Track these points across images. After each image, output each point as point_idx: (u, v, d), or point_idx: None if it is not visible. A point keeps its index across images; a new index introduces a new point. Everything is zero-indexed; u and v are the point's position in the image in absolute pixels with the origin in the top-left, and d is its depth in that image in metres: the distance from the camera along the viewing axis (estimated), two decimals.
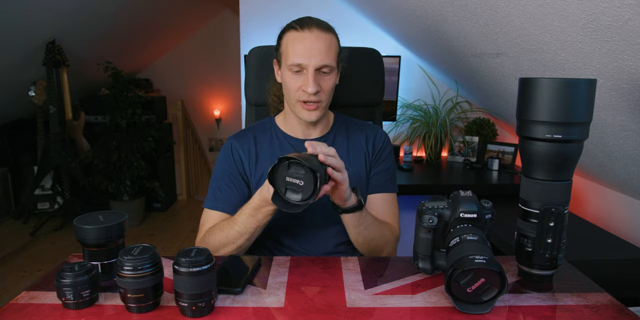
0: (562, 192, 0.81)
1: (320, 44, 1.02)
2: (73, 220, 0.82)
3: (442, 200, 0.86)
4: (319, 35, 1.03)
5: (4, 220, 3.57)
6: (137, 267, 0.70)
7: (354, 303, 0.77)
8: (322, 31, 1.04)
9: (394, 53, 2.50)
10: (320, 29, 1.04)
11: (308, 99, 1.05)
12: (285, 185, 0.84)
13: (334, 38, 1.07)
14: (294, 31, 1.05)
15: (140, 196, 3.57)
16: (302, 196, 0.83)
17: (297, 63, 1.03)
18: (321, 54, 1.02)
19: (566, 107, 0.76)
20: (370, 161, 1.18)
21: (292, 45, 1.04)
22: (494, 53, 1.55)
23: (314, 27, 1.03)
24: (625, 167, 1.44)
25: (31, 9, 2.41)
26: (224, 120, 4.99)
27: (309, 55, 1.02)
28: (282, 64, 1.08)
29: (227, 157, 1.15)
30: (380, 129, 1.22)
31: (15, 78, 3.03)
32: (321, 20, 1.07)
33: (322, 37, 1.03)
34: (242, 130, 1.22)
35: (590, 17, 0.95)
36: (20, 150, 3.57)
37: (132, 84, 3.43)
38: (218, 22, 4.73)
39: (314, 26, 1.03)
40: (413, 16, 1.78)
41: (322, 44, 1.03)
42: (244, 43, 2.52)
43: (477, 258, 0.70)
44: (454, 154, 2.52)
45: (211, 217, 1.10)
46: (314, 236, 1.13)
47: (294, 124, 1.15)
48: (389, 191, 1.18)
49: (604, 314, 0.74)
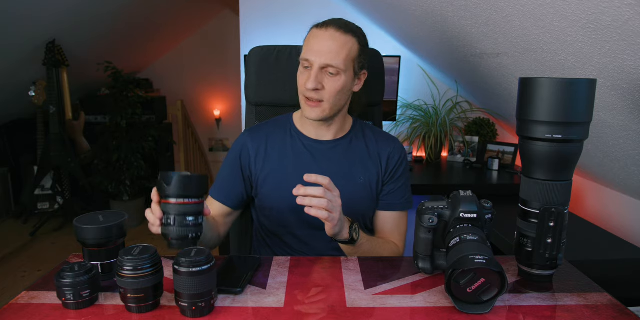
0: (562, 192, 0.81)
1: (332, 44, 1.02)
2: (73, 220, 0.82)
3: (442, 200, 0.86)
4: (334, 34, 1.03)
5: (4, 220, 3.57)
6: (137, 267, 0.70)
7: (354, 303, 0.77)
8: (338, 31, 1.03)
9: (394, 53, 2.50)
10: (338, 29, 1.04)
11: (308, 96, 1.05)
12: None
13: (353, 41, 1.05)
14: (315, 29, 1.06)
15: (140, 196, 3.57)
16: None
17: (305, 58, 1.04)
18: (329, 53, 1.02)
19: (566, 107, 0.76)
20: (384, 178, 1.17)
21: (308, 41, 1.06)
22: (494, 53, 1.54)
23: (332, 27, 1.04)
24: (625, 167, 1.44)
25: (31, 9, 2.41)
26: (224, 120, 4.99)
27: (317, 53, 1.02)
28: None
29: (236, 151, 1.17)
30: (397, 144, 1.20)
31: (15, 78, 3.03)
32: (347, 22, 1.07)
33: (337, 37, 1.03)
34: (258, 125, 1.23)
35: (590, 17, 0.95)
36: (20, 150, 3.57)
37: (132, 84, 3.42)
38: (218, 22, 4.72)
39: (333, 26, 1.04)
40: (413, 16, 1.78)
41: (335, 44, 1.02)
42: (244, 43, 2.52)
43: (477, 258, 0.70)
44: (454, 154, 2.52)
45: (212, 205, 1.15)
46: (314, 236, 1.13)
47: (308, 123, 1.16)
48: (399, 210, 1.18)
49: (604, 314, 0.74)
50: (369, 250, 1.04)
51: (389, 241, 1.15)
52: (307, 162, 1.14)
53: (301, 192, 0.88)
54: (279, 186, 1.12)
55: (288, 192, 0.94)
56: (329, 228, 0.94)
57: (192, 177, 0.80)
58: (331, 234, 0.96)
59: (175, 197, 0.79)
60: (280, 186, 1.11)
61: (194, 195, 0.80)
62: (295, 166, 1.13)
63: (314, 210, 0.89)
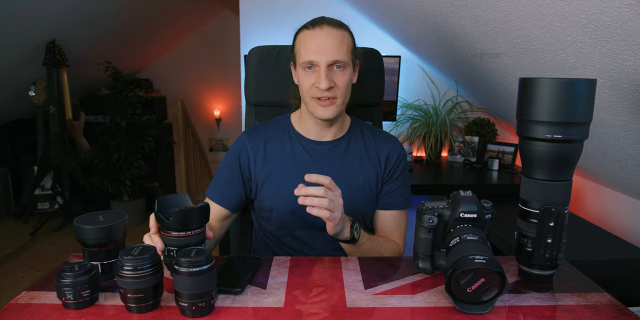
0: (562, 192, 0.81)
1: (331, 40, 1.02)
2: (73, 220, 0.82)
3: (442, 200, 0.86)
4: (329, 31, 1.03)
5: (4, 220, 3.57)
6: (137, 267, 0.70)
7: (354, 303, 0.77)
8: (333, 28, 1.04)
9: (394, 53, 2.50)
10: (332, 25, 1.04)
11: (322, 95, 1.05)
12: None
13: (347, 34, 1.06)
14: (306, 30, 1.06)
15: (140, 196, 3.57)
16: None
17: (309, 60, 1.03)
18: (332, 50, 1.02)
19: (566, 107, 0.76)
20: (383, 177, 1.17)
21: (304, 44, 1.05)
22: (494, 53, 1.54)
23: (325, 24, 1.04)
24: (625, 167, 1.44)
25: (31, 9, 2.41)
26: (224, 120, 4.99)
27: (320, 52, 1.02)
28: (297, 64, 1.09)
29: (235, 152, 1.17)
30: (396, 143, 1.20)
31: (15, 78, 3.03)
32: (333, 19, 1.07)
33: (333, 34, 1.03)
34: (257, 125, 1.22)
35: (590, 17, 0.95)
36: (20, 150, 3.57)
37: (132, 84, 3.42)
38: (218, 22, 4.72)
39: (325, 23, 1.04)
40: (413, 16, 1.78)
41: (334, 40, 1.03)
42: (244, 43, 2.52)
43: (477, 258, 0.70)
44: (454, 154, 2.52)
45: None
46: (315, 237, 1.13)
47: (309, 125, 1.15)
48: (398, 209, 1.18)
49: (604, 314, 0.74)
50: (369, 249, 1.04)
51: (390, 240, 1.15)
52: (307, 163, 1.14)
53: (302, 192, 0.88)
54: (278, 188, 1.12)
55: (288, 194, 0.93)
56: (330, 227, 0.94)
57: (193, 211, 0.79)
58: (332, 233, 0.96)
59: (176, 231, 0.79)
60: (280, 187, 1.11)
61: (196, 227, 0.80)
62: (295, 167, 1.13)
63: (315, 210, 0.89)
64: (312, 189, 0.88)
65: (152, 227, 0.84)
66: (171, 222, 0.78)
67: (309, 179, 0.89)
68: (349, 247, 1.02)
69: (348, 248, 1.03)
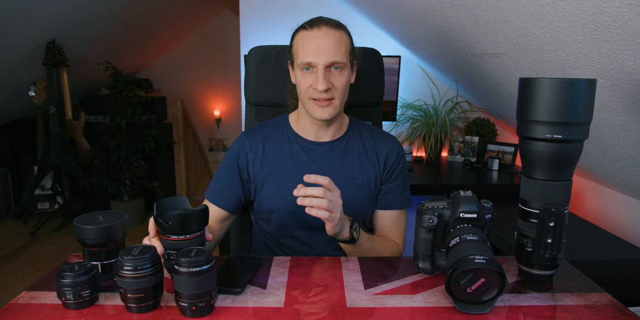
0: (562, 192, 0.81)
1: (329, 41, 1.02)
2: (73, 220, 0.82)
3: (442, 200, 0.86)
4: (327, 32, 1.03)
5: (4, 220, 3.57)
6: (137, 267, 0.70)
7: (354, 303, 0.77)
8: (331, 28, 1.03)
9: (394, 53, 2.50)
10: (330, 26, 1.04)
11: (319, 97, 1.04)
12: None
13: (345, 35, 1.06)
14: (303, 31, 1.05)
15: (140, 196, 3.57)
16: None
17: (307, 61, 1.03)
18: (330, 51, 1.02)
19: (566, 107, 0.76)
20: (382, 176, 1.17)
21: (302, 44, 1.04)
22: (494, 53, 1.54)
23: (323, 25, 1.03)
24: (625, 167, 1.44)
25: (31, 9, 2.41)
26: (224, 120, 4.99)
27: (318, 53, 1.02)
28: (294, 64, 1.08)
29: (234, 153, 1.16)
30: (395, 142, 1.20)
31: (15, 78, 3.03)
32: (331, 19, 1.07)
33: (331, 34, 1.03)
34: (256, 126, 1.22)
35: (590, 17, 0.95)
36: (20, 150, 3.57)
37: (132, 84, 3.42)
38: (218, 22, 4.73)
39: (323, 24, 1.04)
40: (413, 16, 1.78)
41: (332, 41, 1.02)
42: (244, 43, 2.52)
43: (477, 258, 0.70)
44: (454, 154, 2.52)
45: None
46: (314, 237, 1.13)
47: (307, 126, 1.15)
48: (398, 208, 1.18)
49: (604, 314, 0.74)
50: (369, 248, 1.04)
51: (389, 239, 1.15)
52: (306, 163, 1.13)
53: (301, 192, 0.88)
54: (277, 188, 1.12)
55: (287, 194, 0.93)
56: (329, 228, 0.94)
57: (192, 214, 0.79)
58: (332, 233, 0.96)
59: (176, 235, 0.79)
60: (279, 188, 1.11)
61: (196, 230, 0.80)
62: (294, 168, 1.13)
63: (314, 211, 0.89)
64: (311, 189, 0.88)
65: (151, 230, 0.84)
66: (170, 226, 0.79)
67: (308, 180, 0.89)
68: (348, 247, 1.02)
69: (347, 248, 1.03)
